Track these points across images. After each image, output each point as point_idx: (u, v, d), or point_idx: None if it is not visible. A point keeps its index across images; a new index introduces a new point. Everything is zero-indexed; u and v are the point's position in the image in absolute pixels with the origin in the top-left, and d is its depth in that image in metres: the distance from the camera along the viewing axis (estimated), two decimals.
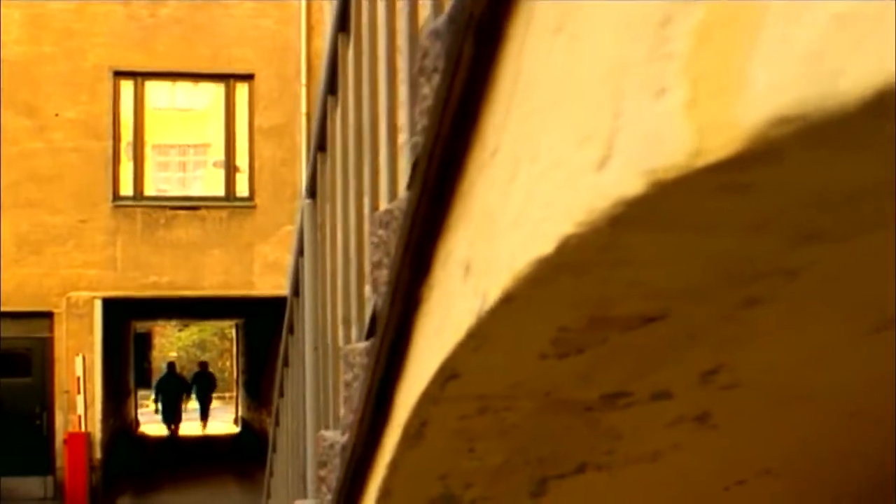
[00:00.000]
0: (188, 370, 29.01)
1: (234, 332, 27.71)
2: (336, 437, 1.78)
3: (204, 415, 22.51)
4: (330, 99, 2.21)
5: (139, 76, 12.90)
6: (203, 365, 24.18)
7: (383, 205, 1.73)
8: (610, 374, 1.12)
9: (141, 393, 24.32)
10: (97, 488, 12.72)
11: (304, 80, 12.98)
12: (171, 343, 34.91)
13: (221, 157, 13.40)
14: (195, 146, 13.93)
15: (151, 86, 13.12)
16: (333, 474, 1.76)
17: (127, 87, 12.89)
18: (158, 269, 12.67)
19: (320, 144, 2.31)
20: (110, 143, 12.67)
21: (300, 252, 2.56)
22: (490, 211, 0.88)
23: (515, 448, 1.31)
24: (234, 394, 26.27)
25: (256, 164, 13.14)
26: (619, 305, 0.91)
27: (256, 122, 13.16)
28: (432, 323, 1.09)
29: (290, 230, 12.82)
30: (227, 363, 32.12)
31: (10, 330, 12.24)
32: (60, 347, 12.54)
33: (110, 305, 12.88)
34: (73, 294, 12.50)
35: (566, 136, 0.71)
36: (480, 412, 1.19)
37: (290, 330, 2.86)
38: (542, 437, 1.30)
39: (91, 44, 12.61)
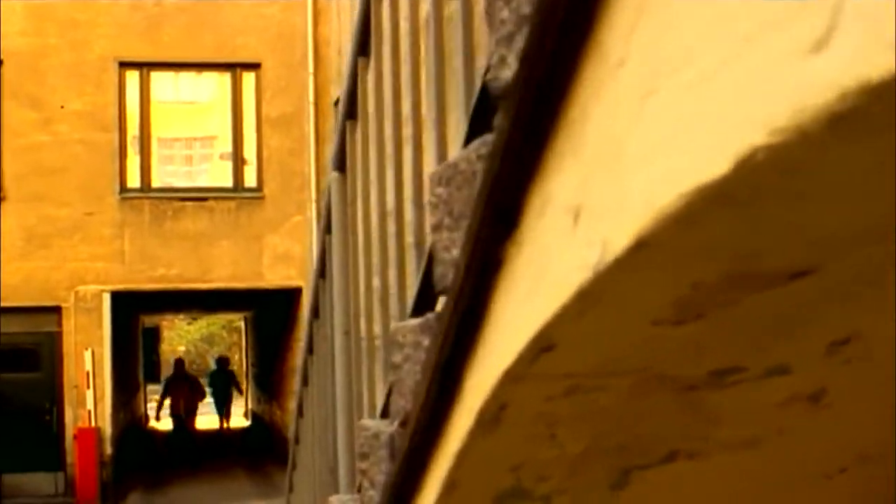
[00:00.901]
0: (196, 365, 28.63)
1: (243, 324, 27.55)
2: (380, 426, 1.61)
3: (224, 414, 20.90)
4: (361, 61, 2.04)
5: (144, 66, 12.73)
6: (222, 361, 21.31)
7: (428, 169, 1.56)
8: (727, 345, 0.95)
9: (150, 387, 23.92)
10: (108, 484, 12.59)
11: (311, 68, 12.77)
12: (180, 336, 34.75)
13: (228, 148, 13.23)
14: (202, 139, 13.76)
15: (157, 76, 12.95)
16: (377, 467, 1.59)
17: (132, 77, 12.72)
18: (166, 261, 12.52)
19: (350, 112, 2.14)
20: (116, 134, 12.51)
21: (327, 230, 2.38)
22: (615, 138, 0.71)
23: (599, 434, 1.15)
24: (244, 387, 26.09)
25: (264, 155, 12.97)
26: (769, 256, 0.74)
27: (264, 112, 12.99)
28: (520, 286, 0.92)
29: (300, 221, 12.66)
30: (237, 356, 31.99)
31: (19, 325, 12.10)
32: (69, 342, 12.39)
33: (119, 299, 12.74)
34: (81, 288, 12.35)
35: (752, 21, 0.54)
36: (568, 392, 1.02)
37: (316, 314, 2.69)
38: (632, 421, 1.13)
39: (96, 35, 12.45)
